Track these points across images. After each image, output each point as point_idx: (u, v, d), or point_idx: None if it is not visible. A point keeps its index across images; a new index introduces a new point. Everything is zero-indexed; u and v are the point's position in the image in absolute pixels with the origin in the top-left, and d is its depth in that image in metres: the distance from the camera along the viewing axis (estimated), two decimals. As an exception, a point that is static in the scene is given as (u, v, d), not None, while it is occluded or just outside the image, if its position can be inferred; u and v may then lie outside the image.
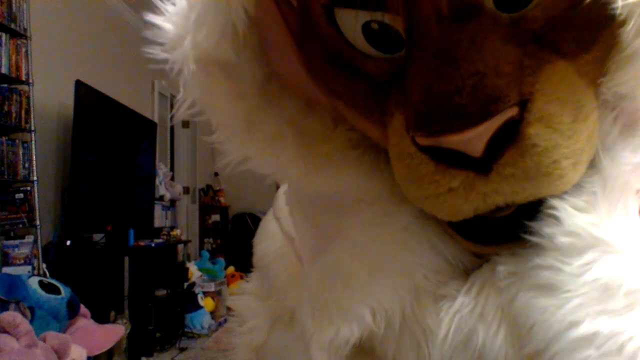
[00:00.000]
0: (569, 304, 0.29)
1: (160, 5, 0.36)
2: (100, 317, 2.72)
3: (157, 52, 0.36)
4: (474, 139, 0.29)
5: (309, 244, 0.44)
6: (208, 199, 6.12)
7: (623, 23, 0.29)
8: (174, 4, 0.35)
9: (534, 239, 0.31)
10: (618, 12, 0.28)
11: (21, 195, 2.77)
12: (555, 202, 0.31)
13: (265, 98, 0.38)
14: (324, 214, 0.41)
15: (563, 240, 0.30)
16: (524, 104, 0.29)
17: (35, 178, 2.84)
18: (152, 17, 0.36)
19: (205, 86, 0.36)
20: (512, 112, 0.29)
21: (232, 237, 6.04)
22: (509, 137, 0.29)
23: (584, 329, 0.28)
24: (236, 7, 0.33)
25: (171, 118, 0.40)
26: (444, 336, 0.34)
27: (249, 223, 5.84)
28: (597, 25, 0.29)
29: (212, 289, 4.35)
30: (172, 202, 5.01)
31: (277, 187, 0.53)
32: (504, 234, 0.33)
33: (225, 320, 4.01)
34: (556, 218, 0.31)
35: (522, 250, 0.32)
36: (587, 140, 0.31)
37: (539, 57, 0.29)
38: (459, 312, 0.34)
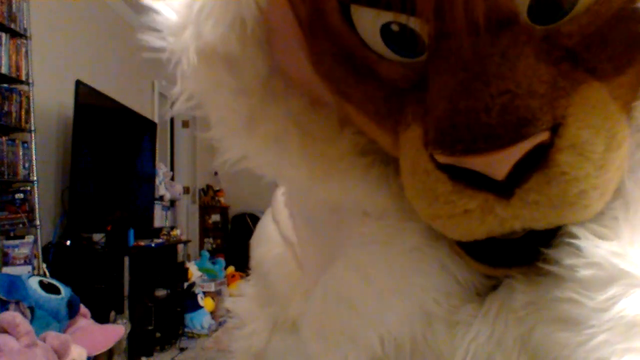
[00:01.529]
0: (593, 341, 0.27)
1: None
2: (100, 317, 2.72)
3: (153, 40, 0.34)
4: (500, 162, 0.27)
5: (311, 256, 0.42)
6: (208, 199, 6.12)
7: None
8: None
9: (553, 268, 0.29)
10: None
11: (21, 195, 2.77)
12: (574, 229, 0.29)
13: (269, 94, 0.36)
14: (327, 225, 0.39)
15: (585, 272, 0.28)
16: (555, 128, 0.27)
17: (35, 178, 2.84)
18: (150, 1, 0.34)
19: (206, 79, 0.34)
20: (543, 136, 0.26)
21: (232, 237, 6.04)
22: (536, 161, 0.27)
23: None
24: (248, 1, 0.31)
25: (169, 117, 0.38)
26: None
27: (249, 223, 5.84)
28: (634, 45, 0.28)
29: (212, 289, 4.35)
30: (172, 202, 5.01)
31: (277, 187, 0.51)
32: (515, 256, 0.31)
33: (226, 321, 4.01)
34: (576, 247, 0.29)
35: (540, 277, 0.30)
36: (617, 169, 0.29)
37: (573, 77, 0.27)
38: (476, 339, 0.32)
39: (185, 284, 4.07)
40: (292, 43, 0.37)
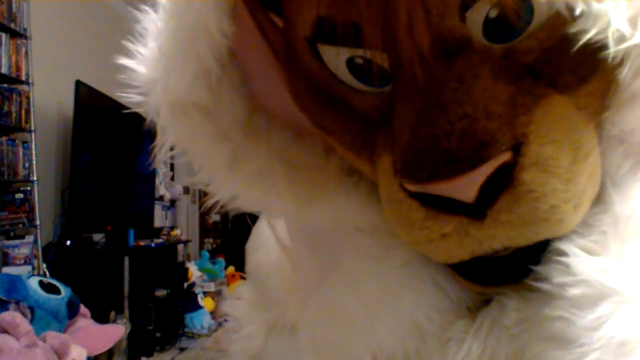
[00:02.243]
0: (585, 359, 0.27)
1: (132, 47, 0.35)
2: (100, 317, 2.72)
3: (132, 96, 0.35)
4: (465, 186, 0.27)
5: (307, 266, 0.42)
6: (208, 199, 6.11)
7: (620, 64, 0.27)
8: (145, 46, 0.34)
9: (542, 286, 0.29)
10: (612, 55, 0.26)
11: (21, 195, 2.77)
12: (562, 245, 0.29)
13: (250, 133, 0.36)
14: (321, 240, 0.39)
15: (574, 291, 0.28)
16: (517, 147, 0.27)
17: (35, 178, 2.84)
18: (125, 61, 0.35)
19: (183, 129, 0.35)
20: (505, 157, 0.27)
21: (232, 237, 6.03)
22: (503, 182, 0.27)
23: None
24: (206, 56, 0.32)
25: (150, 162, 0.38)
26: None
27: (249, 223, 5.81)
28: (595, 54, 0.27)
29: (212, 289, 4.35)
30: (172, 202, 5.01)
31: None
32: (505, 274, 0.31)
33: (226, 321, 4.01)
34: (565, 264, 0.29)
35: (531, 294, 0.30)
36: (589, 179, 0.29)
37: (533, 93, 0.27)
38: (468, 355, 0.32)
39: (185, 284, 4.07)
40: (271, 79, 0.37)
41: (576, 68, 0.28)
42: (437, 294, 0.34)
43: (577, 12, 0.25)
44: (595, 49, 0.27)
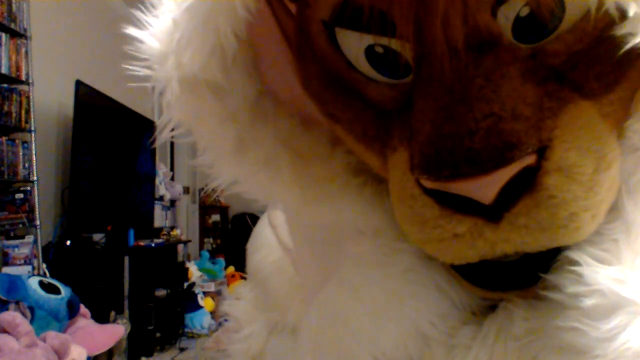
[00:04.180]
0: None
1: (143, 18, 0.33)
2: (100, 317, 2.72)
3: (139, 69, 0.33)
4: (485, 187, 0.26)
5: (309, 268, 0.42)
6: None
7: None
8: (157, 17, 0.33)
9: (554, 295, 0.29)
10: None
11: (21, 195, 2.77)
12: (573, 253, 0.28)
13: (258, 117, 0.36)
14: (323, 242, 0.39)
15: (588, 302, 0.27)
16: (542, 151, 0.26)
17: (35, 178, 2.84)
18: (134, 31, 0.33)
19: (191, 107, 0.34)
20: (530, 160, 0.26)
21: (232, 237, 6.03)
22: (524, 185, 0.26)
23: None
24: (225, 31, 0.30)
25: (152, 142, 0.37)
26: None
27: (249, 223, 5.83)
28: (623, 63, 0.27)
29: (212, 289, 4.35)
30: (172, 202, 5.01)
31: None
32: (511, 280, 0.30)
33: (226, 321, 4.00)
34: (577, 273, 0.28)
35: (540, 303, 0.30)
36: (608, 190, 0.28)
37: (560, 97, 0.27)
38: None
39: (185, 284, 4.07)
40: (281, 64, 0.36)
41: (602, 75, 0.27)
42: (440, 300, 0.33)
43: (631, 13, 0.25)
44: (622, 56, 0.26)
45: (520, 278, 0.30)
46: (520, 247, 0.28)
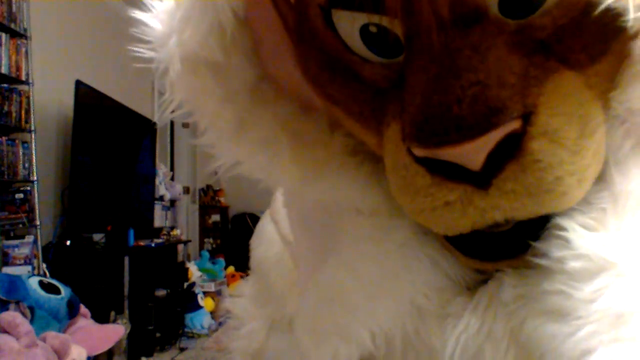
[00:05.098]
0: (581, 332, 0.27)
1: (148, 1, 0.35)
2: (100, 317, 2.72)
3: (143, 51, 0.35)
4: (473, 152, 0.27)
5: (305, 254, 0.43)
6: (208, 199, 6.12)
7: (635, 35, 0.27)
8: (161, 0, 0.34)
9: (541, 261, 0.30)
10: (630, 24, 0.26)
11: (21, 195, 2.77)
12: (562, 220, 0.29)
13: (258, 99, 0.37)
14: (320, 224, 0.40)
15: (573, 264, 0.28)
16: (527, 117, 0.27)
17: (35, 178, 2.84)
18: (139, 14, 0.35)
19: (193, 87, 0.35)
20: (515, 125, 0.27)
21: (232, 237, 6.03)
22: (511, 151, 0.27)
23: (596, 358, 0.27)
24: (223, 7, 0.32)
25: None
26: (450, 356, 0.33)
27: (249, 223, 5.84)
28: (608, 35, 0.28)
29: (212, 289, 4.35)
30: (172, 202, 5.01)
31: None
32: (503, 249, 0.31)
33: (225, 321, 4.01)
34: (564, 239, 0.29)
35: (529, 271, 0.31)
36: (594, 156, 0.29)
37: (545, 67, 0.28)
38: (466, 331, 0.32)
39: (185, 284, 4.07)
40: (279, 49, 0.37)
41: (588, 47, 0.28)
42: (435, 273, 0.34)
43: None
44: (608, 29, 0.27)
45: (511, 247, 0.31)
46: (510, 213, 0.29)
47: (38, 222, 2.82)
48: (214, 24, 0.32)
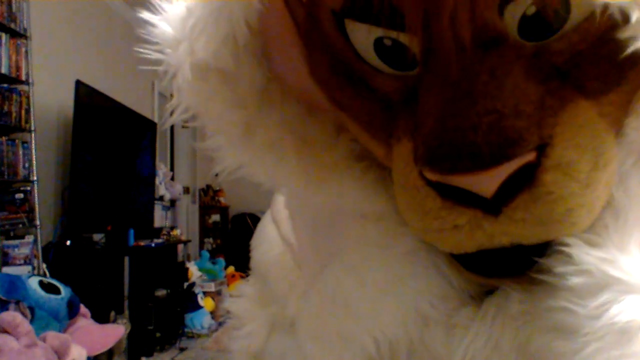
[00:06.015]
0: (587, 349, 0.27)
1: (156, 3, 0.34)
2: (100, 317, 2.72)
3: (151, 52, 0.34)
4: (486, 181, 0.27)
5: (309, 257, 0.42)
6: (208, 199, 6.12)
7: None
8: (170, 3, 0.34)
9: (545, 277, 0.30)
10: None
11: (21, 195, 2.77)
12: (566, 237, 0.29)
13: (265, 103, 0.36)
14: (325, 227, 0.39)
15: (576, 280, 0.28)
16: (542, 147, 0.27)
17: (35, 178, 2.83)
18: (147, 15, 0.34)
19: (201, 93, 0.35)
20: (530, 157, 0.27)
21: (232, 237, 6.03)
22: (523, 180, 0.27)
23: None
24: (238, 19, 0.31)
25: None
26: None
27: (249, 223, 5.84)
28: (625, 64, 0.28)
29: (212, 289, 4.35)
30: (172, 202, 5.01)
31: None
32: (506, 267, 0.31)
33: (225, 321, 4.01)
34: (567, 254, 0.29)
35: (534, 287, 0.31)
36: (605, 187, 0.29)
37: (561, 95, 0.27)
38: (473, 342, 0.32)
39: (185, 284, 4.07)
40: (289, 51, 0.37)
41: (604, 75, 0.28)
42: (440, 282, 0.34)
43: (634, 19, 0.25)
44: (626, 57, 0.27)
45: (515, 265, 0.31)
46: (518, 239, 0.29)
47: (38, 222, 2.82)
48: (228, 36, 0.32)
